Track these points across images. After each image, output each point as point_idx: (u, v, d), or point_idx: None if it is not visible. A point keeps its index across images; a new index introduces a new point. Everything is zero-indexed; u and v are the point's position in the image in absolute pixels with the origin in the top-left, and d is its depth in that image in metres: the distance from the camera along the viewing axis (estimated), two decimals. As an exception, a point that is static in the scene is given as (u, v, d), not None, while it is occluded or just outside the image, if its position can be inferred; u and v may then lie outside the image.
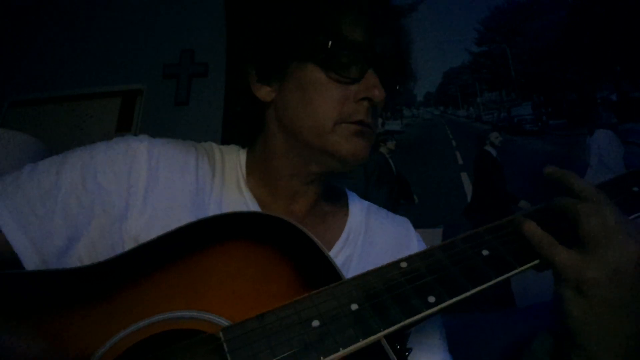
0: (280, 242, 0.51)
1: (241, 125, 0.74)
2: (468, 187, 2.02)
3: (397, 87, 0.71)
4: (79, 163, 0.61)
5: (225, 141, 0.76)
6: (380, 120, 0.77)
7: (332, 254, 0.68)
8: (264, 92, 0.68)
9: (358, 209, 0.77)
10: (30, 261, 0.55)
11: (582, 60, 2.13)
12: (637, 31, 2.05)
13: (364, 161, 0.64)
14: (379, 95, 0.62)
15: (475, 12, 2.24)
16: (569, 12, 2.18)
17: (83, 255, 0.58)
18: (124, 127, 2.19)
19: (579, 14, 2.16)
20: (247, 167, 0.72)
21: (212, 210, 0.63)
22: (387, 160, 2.09)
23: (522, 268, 0.47)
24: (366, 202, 0.81)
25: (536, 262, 0.48)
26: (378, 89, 0.62)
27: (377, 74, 0.63)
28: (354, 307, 0.43)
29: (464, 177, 2.04)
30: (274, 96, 0.68)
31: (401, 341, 0.45)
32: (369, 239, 0.73)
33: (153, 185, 0.62)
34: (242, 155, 0.73)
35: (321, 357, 0.39)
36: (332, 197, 0.76)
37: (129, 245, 0.54)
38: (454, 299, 0.44)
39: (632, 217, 0.51)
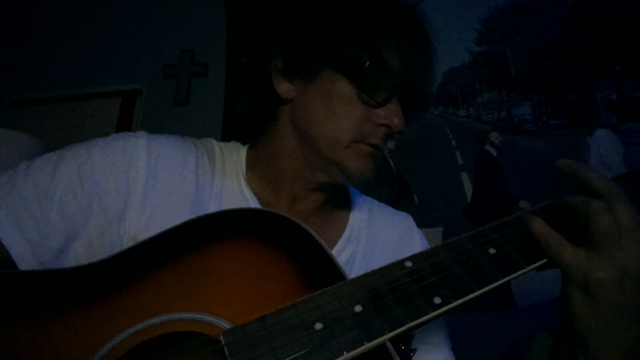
0: (281, 240, 0.50)
1: (249, 117, 0.73)
2: (468, 187, 2.02)
3: (411, 116, 0.71)
4: (75, 161, 0.59)
5: (225, 141, 0.75)
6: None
7: (334, 252, 0.67)
8: (285, 88, 0.66)
9: (360, 206, 0.76)
10: (26, 262, 0.53)
11: (582, 60, 2.13)
12: (637, 31, 2.05)
13: (368, 180, 0.66)
14: (399, 124, 0.63)
15: (475, 12, 2.24)
16: (569, 12, 2.18)
17: (80, 255, 0.56)
18: (124, 127, 2.18)
19: (579, 14, 2.16)
20: (248, 164, 0.70)
21: (213, 209, 0.61)
22: (387, 160, 2.09)
23: (530, 267, 0.46)
24: (368, 199, 0.80)
25: (544, 261, 0.46)
26: (399, 118, 0.63)
27: (400, 103, 0.64)
28: (358, 308, 0.42)
29: (464, 177, 2.04)
30: (294, 95, 0.66)
31: (406, 342, 0.45)
32: (372, 236, 0.73)
33: (152, 184, 0.60)
34: (242, 152, 0.71)
35: (324, 361, 0.39)
36: (334, 195, 0.75)
37: (128, 244, 0.53)
38: (460, 300, 0.43)
39: None
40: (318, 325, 0.41)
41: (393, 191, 2.05)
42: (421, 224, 0.79)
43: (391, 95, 0.63)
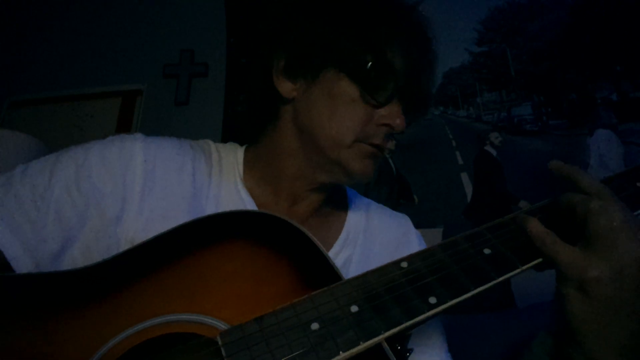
0: (278, 241, 0.51)
1: (249, 117, 0.73)
2: (468, 187, 2.02)
3: (410, 117, 0.71)
4: (72, 164, 0.59)
5: (225, 141, 0.75)
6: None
7: (331, 253, 0.67)
8: (287, 88, 0.66)
9: (358, 207, 0.76)
10: (23, 266, 0.53)
11: (582, 60, 2.13)
12: (637, 31, 2.05)
13: (368, 180, 0.66)
14: (401, 124, 0.63)
15: (475, 12, 2.24)
16: (569, 12, 2.18)
17: (77, 258, 0.56)
18: (124, 127, 2.19)
19: (579, 14, 2.16)
20: (246, 165, 0.70)
21: (210, 211, 0.61)
22: (387, 160, 2.09)
23: (525, 267, 0.47)
24: (366, 200, 0.80)
25: (539, 260, 0.47)
26: (401, 118, 0.63)
27: (401, 104, 0.64)
28: (354, 308, 0.43)
29: (464, 177, 2.04)
30: (296, 95, 0.66)
31: (402, 342, 0.45)
32: (370, 237, 0.73)
33: (150, 187, 0.60)
34: (239, 153, 0.71)
35: (321, 360, 0.39)
36: (332, 196, 0.75)
37: (125, 248, 0.52)
38: (456, 300, 0.43)
39: (637, 213, 0.50)
40: (315, 326, 0.42)
41: (393, 191, 2.05)
42: (421, 224, 0.79)
43: (393, 95, 0.63)
